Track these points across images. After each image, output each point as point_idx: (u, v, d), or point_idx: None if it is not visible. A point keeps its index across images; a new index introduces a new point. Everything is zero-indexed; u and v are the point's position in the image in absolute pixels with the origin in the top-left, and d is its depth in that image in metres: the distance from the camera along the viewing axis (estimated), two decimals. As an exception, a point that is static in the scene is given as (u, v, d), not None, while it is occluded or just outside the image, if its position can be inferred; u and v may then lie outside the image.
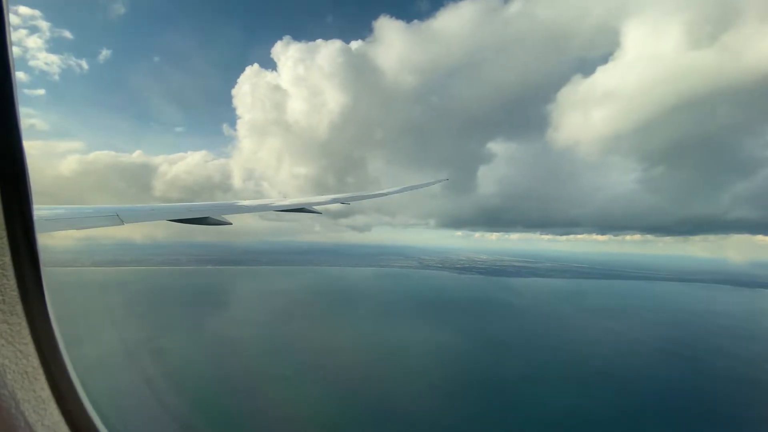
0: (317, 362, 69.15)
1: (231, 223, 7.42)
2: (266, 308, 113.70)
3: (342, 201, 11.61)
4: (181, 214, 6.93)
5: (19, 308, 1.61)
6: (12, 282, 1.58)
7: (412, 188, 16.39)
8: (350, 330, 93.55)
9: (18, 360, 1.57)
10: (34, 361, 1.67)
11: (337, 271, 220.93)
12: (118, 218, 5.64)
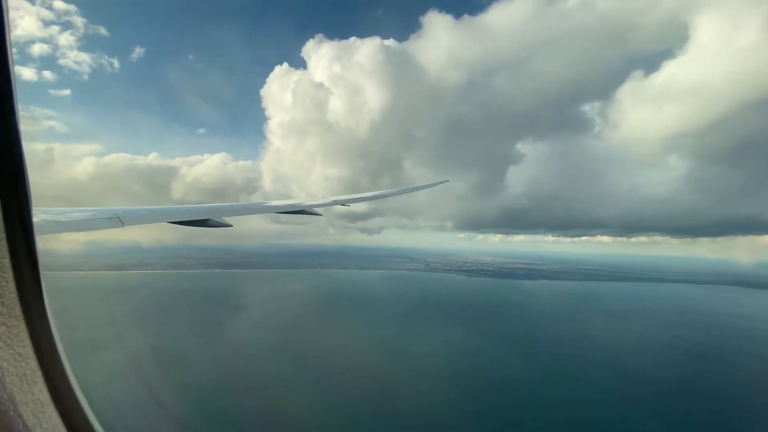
0: (341, 369, 67.23)
1: (231, 225, 7.29)
2: (280, 312, 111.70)
3: (342, 203, 11.34)
4: (181, 216, 6.86)
5: (17, 311, 1.60)
6: (11, 284, 1.57)
7: (412, 189, 16.18)
8: (373, 336, 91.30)
9: (16, 363, 1.56)
10: (33, 363, 1.66)
11: (346, 274, 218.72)
12: (118, 220, 5.59)
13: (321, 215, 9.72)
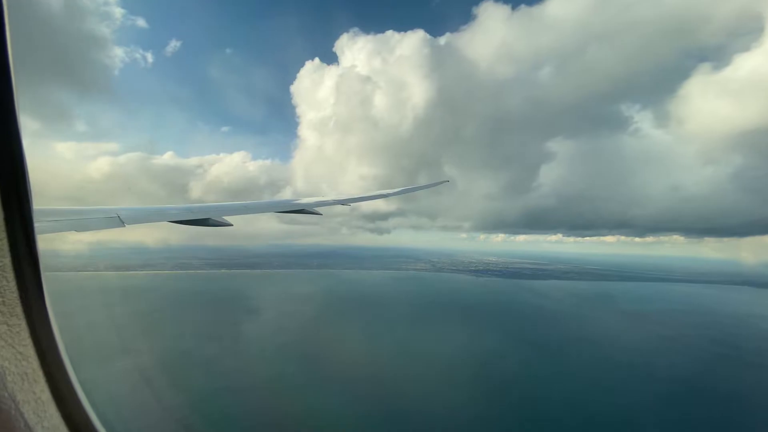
0: (358, 371, 65.88)
1: (232, 224, 7.23)
2: (288, 313, 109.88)
3: (342, 202, 11.40)
4: (182, 215, 6.85)
5: (18, 310, 1.60)
6: (12, 284, 1.57)
7: (411, 190, 16.27)
8: (390, 337, 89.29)
9: (18, 362, 1.57)
10: (34, 363, 1.66)
11: (353, 275, 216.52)
12: (119, 219, 5.59)
13: (321, 214, 9.67)
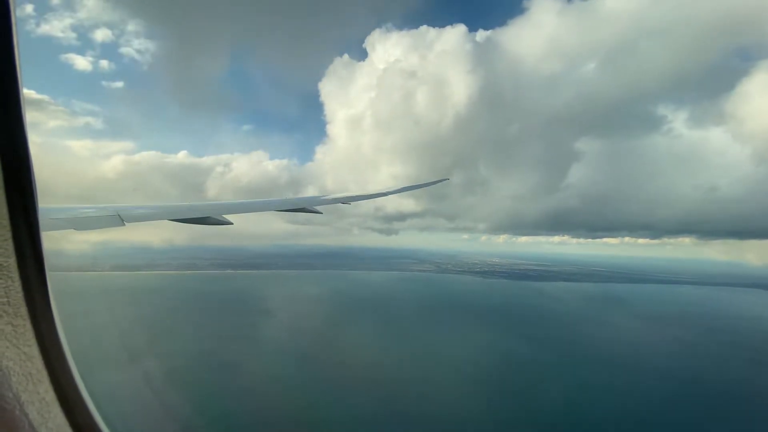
0: (382, 375, 64.60)
1: (232, 223, 7.25)
2: (300, 314, 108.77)
3: (343, 201, 11.52)
4: (182, 213, 6.84)
5: (23, 310, 1.61)
6: (17, 284, 1.57)
7: (411, 188, 16.30)
8: (411, 341, 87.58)
9: (22, 362, 1.57)
10: (39, 363, 1.67)
11: (360, 276, 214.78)
12: (119, 218, 5.52)
13: (321, 213, 9.73)
